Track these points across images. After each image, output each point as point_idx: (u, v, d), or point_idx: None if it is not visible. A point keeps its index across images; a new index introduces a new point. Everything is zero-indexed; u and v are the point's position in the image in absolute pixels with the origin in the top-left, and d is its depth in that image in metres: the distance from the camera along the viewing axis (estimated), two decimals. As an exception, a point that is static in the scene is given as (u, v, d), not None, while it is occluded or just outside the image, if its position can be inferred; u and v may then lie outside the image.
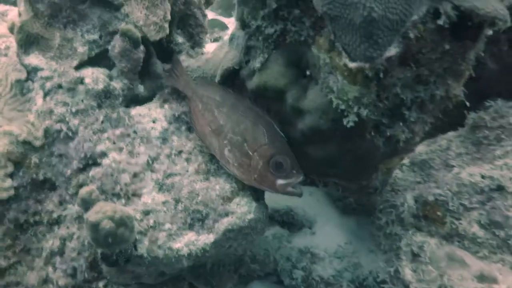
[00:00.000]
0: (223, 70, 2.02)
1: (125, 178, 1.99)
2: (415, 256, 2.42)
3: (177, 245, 1.94)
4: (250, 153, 1.87)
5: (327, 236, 3.40)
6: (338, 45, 1.58)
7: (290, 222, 3.31)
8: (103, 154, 2.02)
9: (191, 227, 1.98)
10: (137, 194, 1.99)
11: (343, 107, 1.67)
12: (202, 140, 2.06)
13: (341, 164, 1.94)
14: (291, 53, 1.82)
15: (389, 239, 2.56)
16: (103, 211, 1.79)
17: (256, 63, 1.89)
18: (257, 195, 2.09)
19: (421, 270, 2.36)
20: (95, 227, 1.77)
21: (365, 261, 3.18)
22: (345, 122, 1.70)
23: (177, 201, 1.99)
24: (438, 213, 2.41)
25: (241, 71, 1.99)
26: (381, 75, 1.57)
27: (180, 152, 2.10)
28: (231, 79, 2.06)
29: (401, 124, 1.79)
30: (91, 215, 1.78)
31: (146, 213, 1.96)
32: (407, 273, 2.39)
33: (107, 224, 1.76)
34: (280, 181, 1.84)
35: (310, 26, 1.69)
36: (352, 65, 1.55)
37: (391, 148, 1.88)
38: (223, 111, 1.98)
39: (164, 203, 1.98)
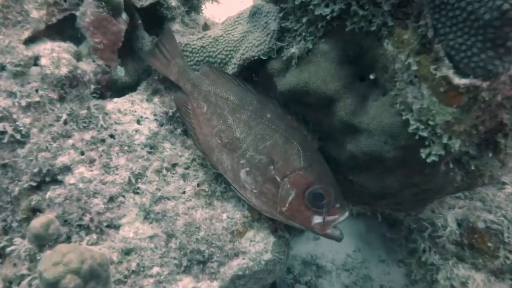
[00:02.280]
0: (243, 59, 1.42)
1: (98, 203, 1.42)
2: (455, 293, 1.98)
3: (167, 295, 1.43)
4: (278, 179, 1.37)
5: (333, 242, 2.96)
6: (438, 48, 1.03)
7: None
8: (66, 169, 1.43)
9: (187, 270, 1.46)
10: (114, 226, 1.45)
11: (424, 133, 1.15)
12: (206, 155, 1.49)
13: (397, 197, 1.44)
14: (349, 46, 1.26)
15: (422, 269, 2.11)
16: (65, 262, 1.25)
17: (294, 54, 1.31)
18: (275, 224, 1.58)
19: (463, 312, 1.92)
20: (53, 286, 1.22)
21: (376, 273, 2.79)
22: (423, 154, 1.18)
23: (169, 235, 1.46)
24: (489, 244, 1.95)
25: (268, 63, 1.41)
26: (499, 97, 1.04)
27: (174, 165, 1.54)
28: (253, 72, 1.48)
29: (490, 155, 1.28)
30: (48, 269, 1.23)
31: (127, 252, 1.43)
32: (446, 314, 1.94)
33: (70, 283, 1.22)
34: (318, 219, 1.36)
35: (389, 12, 1.11)
36: (460, 81, 1.02)
37: (469, 183, 1.38)
38: (241, 118, 1.42)
39: (151, 238, 1.45)
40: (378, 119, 1.23)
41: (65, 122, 1.45)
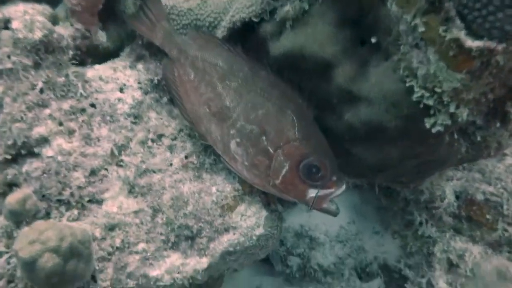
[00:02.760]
0: (233, 21, 1.32)
1: (78, 177, 1.33)
2: (452, 266, 1.94)
3: (155, 272, 1.37)
4: (271, 150, 1.28)
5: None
6: (449, 6, 0.93)
7: (284, 196, 2.76)
8: (44, 141, 1.34)
9: (175, 246, 1.39)
10: (96, 200, 1.37)
11: (429, 102, 1.07)
12: (193, 125, 1.40)
13: (398, 169, 1.36)
14: (348, 7, 1.15)
15: (419, 241, 2.06)
16: (42, 240, 1.17)
17: (289, 16, 1.21)
18: (267, 198, 1.50)
19: (460, 286, 1.89)
20: (30, 266, 1.14)
21: (369, 245, 2.76)
22: (428, 123, 1.10)
23: (155, 210, 1.38)
24: (488, 216, 1.90)
25: (261, 26, 1.30)
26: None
27: (160, 136, 1.45)
28: (243, 36, 1.37)
29: (498, 125, 1.20)
30: (24, 248, 1.15)
31: (111, 228, 1.35)
32: (442, 287, 1.91)
33: (49, 261, 1.15)
34: (313, 192, 1.27)
35: (394, -34, 1.01)
36: (472, 43, 0.92)
37: (474, 154, 1.30)
38: (231, 85, 1.32)
39: (136, 213, 1.37)
40: (379, 86, 1.14)
41: (41, 91, 1.34)
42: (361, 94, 1.18)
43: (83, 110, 1.39)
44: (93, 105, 1.41)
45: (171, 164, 1.43)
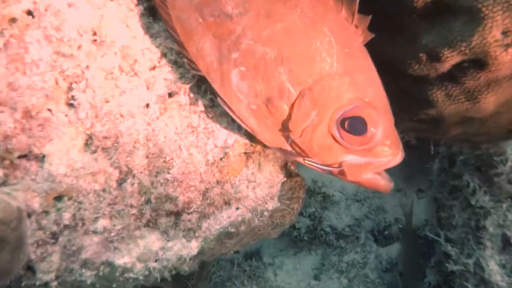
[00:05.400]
0: None
1: (5, 120, 0.88)
2: (508, 245, 1.57)
3: (122, 260, 0.97)
4: (292, 89, 0.84)
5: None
6: None
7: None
8: None
9: (152, 224, 0.98)
10: (34, 156, 0.92)
11: None
12: (182, 43, 0.93)
13: (484, 125, 0.93)
14: None
15: (466, 212, 1.66)
16: None
17: None
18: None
19: (516, 269, 1.51)
20: None
21: (391, 204, 2.40)
22: None
23: (124, 172, 0.95)
24: (562, 186, 1.49)
25: None
26: None
27: (132, 63, 0.98)
28: None
29: None
30: None
31: (57, 197, 0.92)
32: (494, 270, 1.54)
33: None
34: (353, 160, 0.85)
35: None
36: None
37: None
38: (236, -18, 0.85)
39: (95, 175, 0.93)
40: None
41: None
42: (460, 3, 0.71)
43: (13, 20, 0.91)
44: (30, 13, 0.92)
45: (147, 105, 0.98)
